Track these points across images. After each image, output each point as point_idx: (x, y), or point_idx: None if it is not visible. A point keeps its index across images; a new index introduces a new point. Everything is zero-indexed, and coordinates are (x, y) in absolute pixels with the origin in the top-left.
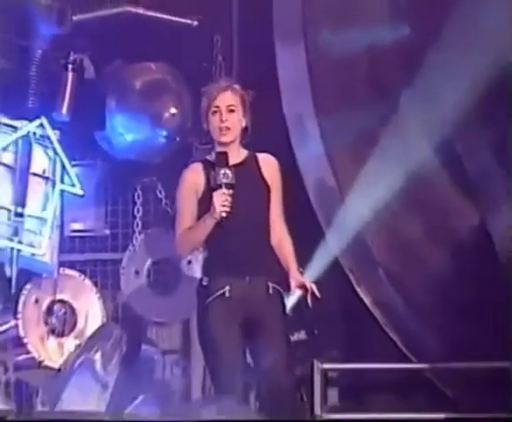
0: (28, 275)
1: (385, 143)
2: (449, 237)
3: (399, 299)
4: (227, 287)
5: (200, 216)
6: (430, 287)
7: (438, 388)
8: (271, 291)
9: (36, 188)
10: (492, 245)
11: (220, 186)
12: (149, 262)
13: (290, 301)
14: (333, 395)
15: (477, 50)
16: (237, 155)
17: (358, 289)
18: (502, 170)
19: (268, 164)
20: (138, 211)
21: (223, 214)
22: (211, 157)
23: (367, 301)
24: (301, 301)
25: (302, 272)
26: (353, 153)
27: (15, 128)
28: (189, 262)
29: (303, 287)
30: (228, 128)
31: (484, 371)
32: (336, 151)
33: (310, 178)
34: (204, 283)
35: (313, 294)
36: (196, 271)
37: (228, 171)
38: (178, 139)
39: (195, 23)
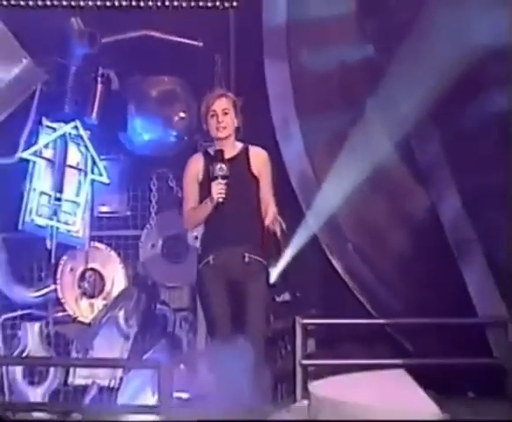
0: (65, 248)
1: (354, 141)
2: (406, 218)
3: (365, 268)
4: (211, 256)
5: (201, 197)
6: (391, 258)
7: (396, 338)
8: (247, 260)
9: (71, 178)
10: (441, 226)
11: (217, 178)
12: (162, 237)
13: (277, 270)
14: (311, 344)
15: (427, 65)
16: (232, 148)
17: (332, 260)
18: (449, 163)
19: (258, 157)
20: (154, 196)
21: (220, 200)
22: (211, 149)
23: (339, 269)
24: (285, 271)
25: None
26: (327, 149)
27: (54, 129)
28: (196, 237)
29: (275, 219)
30: (224, 127)
31: (433, 325)
32: (314, 147)
33: (293, 169)
34: (199, 252)
35: (281, 225)
36: None
37: (223, 166)
38: (185, 138)
39: (200, 44)
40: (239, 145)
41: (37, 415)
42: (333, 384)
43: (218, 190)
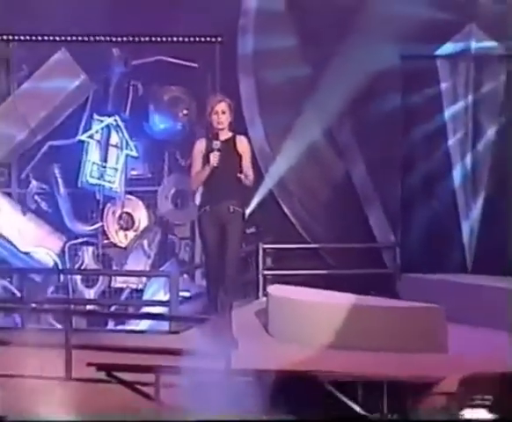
0: (108, 199)
1: (296, 129)
2: (331, 179)
3: (304, 211)
4: (207, 207)
5: (202, 165)
6: (321, 204)
7: (324, 256)
8: (231, 210)
9: (112, 153)
10: (353, 184)
11: (213, 150)
12: (173, 191)
13: (247, 213)
14: (269, 261)
15: (343, 78)
16: (226, 135)
17: (283, 206)
18: (357, 143)
19: (241, 141)
20: (166, 165)
21: (215, 165)
22: (210, 136)
23: (287, 212)
24: (252, 213)
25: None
26: (279, 135)
27: (101, 121)
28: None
29: (250, 179)
30: (221, 122)
31: (347, 248)
32: (270, 134)
33: (257, 148)
34: (198, 204)
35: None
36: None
37: (218, 143)
38: (187, 128)
39: (197, 65)
40: (230, 133)
41: (89, 307)
42: (284, 288)
43: (214, 158)
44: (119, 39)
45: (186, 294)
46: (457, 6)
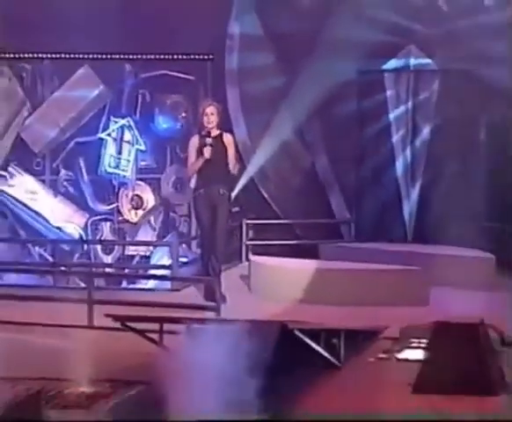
0: (122, 184)
1: (273, 127)
2: (300, 169)
3: (280, 195)
4: (201, 190)
5: (196, 157)
6: (293, 189)
7: (295, 230)
8: (221, 192)
9: (125, 147)
10: (316, 172)
11: (205, 145)
12: (173, 178)
13: (233, 195)
14: (251, 233)
15: (309, 88)
16: (215, 132)
17: (261, 190)
18: (321, 139)
19: (227, 137)
20: (168, 157)
21: (207, 157)
22: (203, 132)
23: (265, 195)
24: (237, 195)
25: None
26: (259, 132)
27: (117, 122)
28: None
29: (236, 168)
30: (211, 122)
31: (311, 223)
32: (251, 132)
33: (240, 142)
34: (194, 187)
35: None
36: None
37: (209, 139)
38: (185, 127)
39: (193, 78)
40: (218, 131)
41: (107, 270)
42: (262, 257)
43: (206, 152)
44: (130, 56)
45: (185, 259)
46: (400, 31)
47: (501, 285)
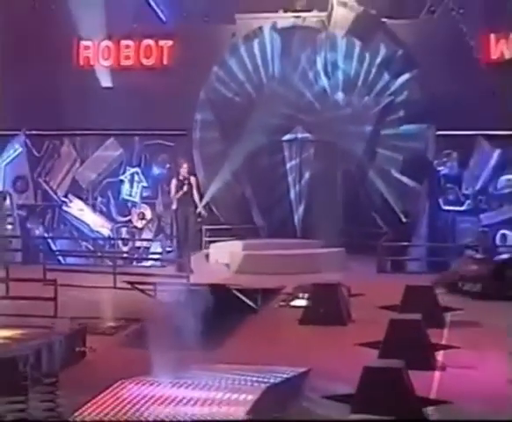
0: (133, 205)
1: (220, 173)
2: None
3: (225, 212)
4: (179, 210)
5: (176, 191)
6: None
7: (233, 232)
8: (191, 210)
9: (135, 184)
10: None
11: (183, 185)
12: (162, 202)
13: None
14: (208, 233)
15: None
16: (186, 176)
17: (214, 210)
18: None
19: (192, 179)
20: (160, 190)
21: (183, 190)
22: (179, 178)
23: (216, 212)
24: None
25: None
26: (210, 175)
27: (130, 170)
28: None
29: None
30: (184, 173)
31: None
32: (206, 175)
33: (200, 181)
34: (174, 207)
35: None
36: None
37: (183, 181)
38: (169, 174)
39: (173, 144)
40: (187, 175)
41: (125, 255)
42: (216, 245)
43: (182, 188)
44: (137, 132)
45: (169, 249)
46: (292, 118)
47: (348, 267)
